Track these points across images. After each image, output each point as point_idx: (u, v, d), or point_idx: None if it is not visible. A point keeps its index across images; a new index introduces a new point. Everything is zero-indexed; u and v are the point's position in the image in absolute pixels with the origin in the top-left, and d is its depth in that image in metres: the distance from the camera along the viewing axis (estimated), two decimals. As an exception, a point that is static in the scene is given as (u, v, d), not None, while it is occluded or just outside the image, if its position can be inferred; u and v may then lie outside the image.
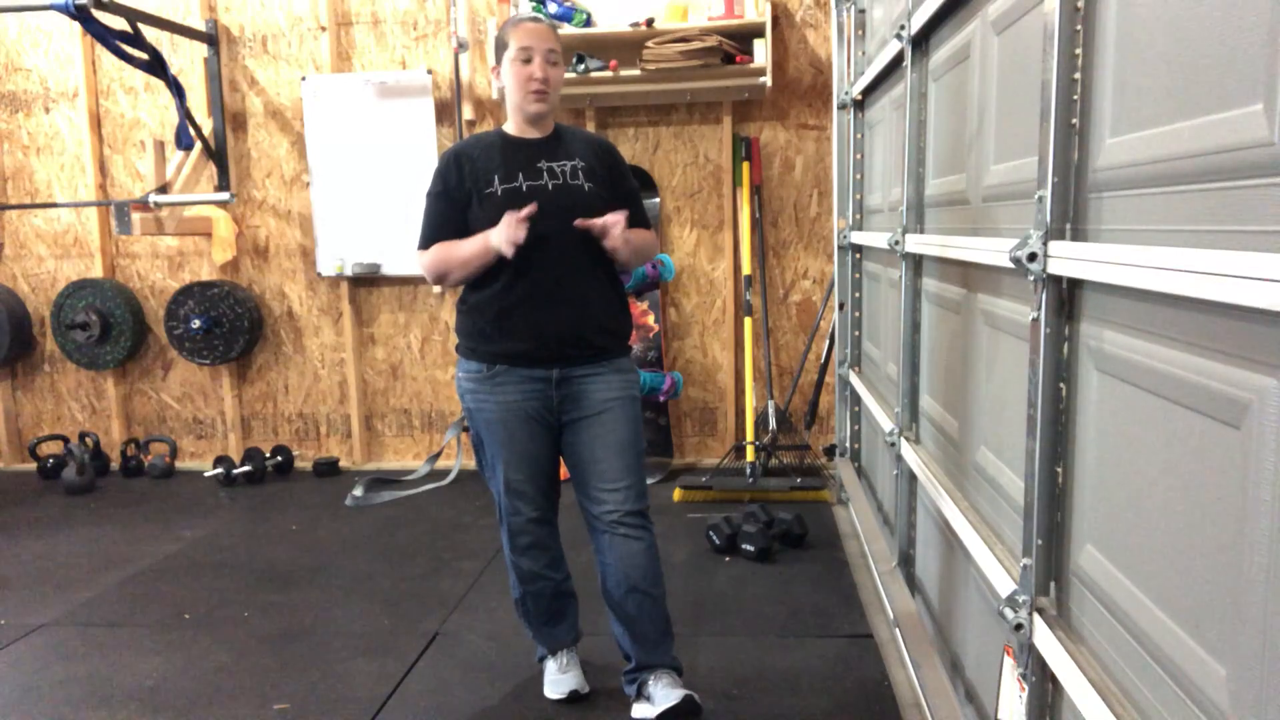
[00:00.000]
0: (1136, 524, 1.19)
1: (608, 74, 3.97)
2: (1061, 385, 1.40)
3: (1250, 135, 0.93)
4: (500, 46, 2.16)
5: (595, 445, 2.16)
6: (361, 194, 4.39)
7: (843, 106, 3.69)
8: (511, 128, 2.22)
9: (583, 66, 3.94)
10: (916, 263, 2.51)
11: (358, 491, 4.06)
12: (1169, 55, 1.10)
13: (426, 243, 2.18)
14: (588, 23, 4.00)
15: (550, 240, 2.09)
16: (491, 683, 2.42)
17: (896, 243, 2.56)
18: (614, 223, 2.08)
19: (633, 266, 2.26)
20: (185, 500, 4.17)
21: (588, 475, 2.18)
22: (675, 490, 3.91)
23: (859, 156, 3.60)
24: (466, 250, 2.10)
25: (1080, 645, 1.34)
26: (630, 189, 2.28)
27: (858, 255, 3.67)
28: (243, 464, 4.40)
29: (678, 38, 3.87)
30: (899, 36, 2.51)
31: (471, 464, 4.50)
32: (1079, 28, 1.32)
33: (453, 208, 2.15)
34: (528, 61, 2.11)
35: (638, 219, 2.26)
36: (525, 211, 2.01)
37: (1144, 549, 1.17)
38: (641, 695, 2.21)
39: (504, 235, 2.01)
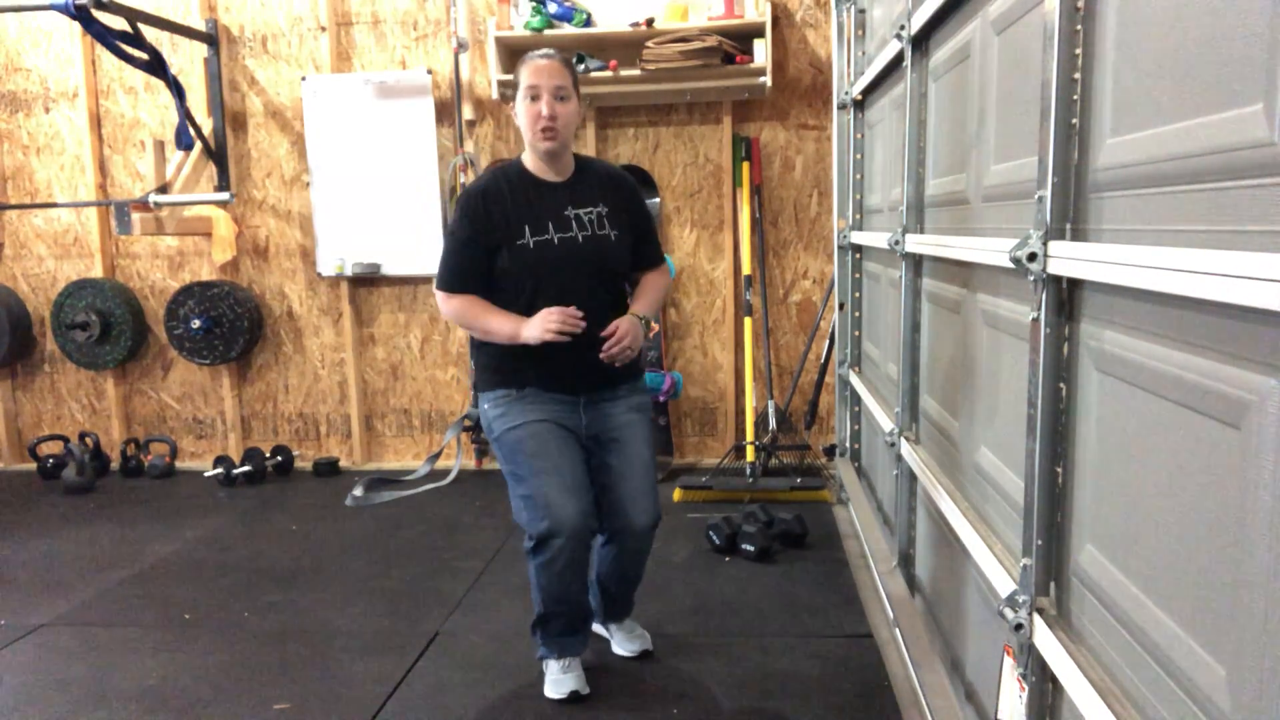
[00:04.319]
0: (1136, 524, 1.19)
1: (608, 74, 3.97)
2: (1061, 385, 1.40)
3: (1250, 135, 0.93)
4: (515, 83, 2.18)
5: (620, 463, 2.26)
6: (361, 194, 4.39)
7: (843, 106, 3.69)
8: (530, 163, 2.24)
9: (583, 66, 3.94)
10: (916, 263, 2.51)
11: (358, 491, 4.06)
12: (1169, 55, 1.10)
13: (450, 287, 2.21)
14: (588, 23, 4.00)
15: (577, 291, 2.17)
16: (491, 683, 2.42)
17: (896, 243, 2.56)
18: (615, 341, 2.16)
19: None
20: (185, 500, 4.17)
21: (611, 490, 2.27)
22: (675, 490, 3.91)
23: (859, 156, 3.59)
24: (494, 325, 2.17)
25: (1080, 645, 1.34)
26: (647, 229, 2.36)
27: (858, 255, 3.67)
28: (243, 464, 4.40)
29: (678, 38, 3.87)
30: (899, 36, 2.51)
31: (472, 463, 4.51)
32: (1079, 28, 1.32)
33: (480, 253, 2.18)
34: (535, 99, 2.13)
35: (653, 257, 2.37)
36: (575, 323, 2.11)
37: (1144, 549, 1.17)
38: (605, 626, 2.58)
39: (537, 331, 2.10)
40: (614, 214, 2.24)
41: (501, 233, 2.16)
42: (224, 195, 4.28)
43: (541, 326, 2.10)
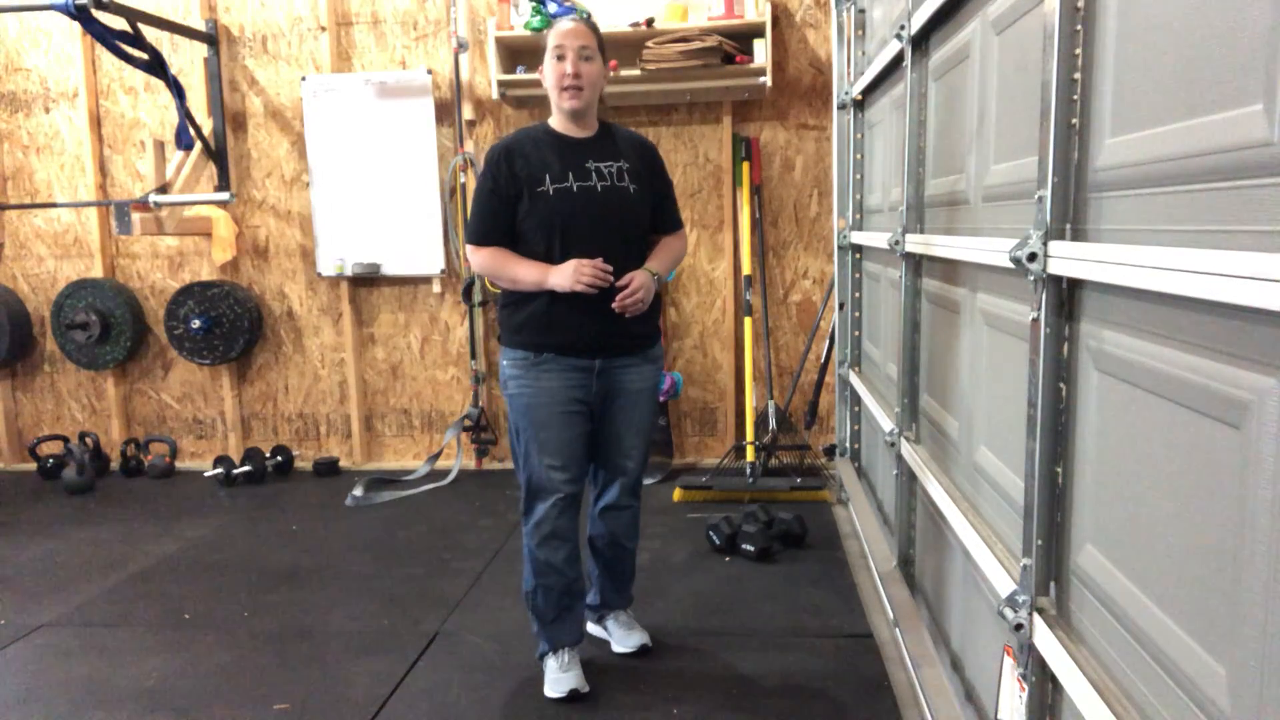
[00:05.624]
0: (1136, 524, 1.19)
1: (609, 74, 3.96)
2: (1061, 385, 1.40)
3: (1250, 135, 0.93)
4: (543, 50, 2.28)
5: (621, 428, 2.36)
6: (361, 194, 4.39)
7: (843, 106, 3.69)
8: (556, 124, 2.32)
9: (583, 66, 3.94)
10: (916, 263, 2.51)
11: (358, 491, 4.06)
12: (1168, 55, 1.10)
13: (479, 239, 2.28)
14: (588, 21, 3.99)
15: (596, 240, 2.21)
16: (491, 683, 2.42)
17: (896, 243, 2.56)
18: (628, 292, 2.21)
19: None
20: (185, 500, 4.17)
21: (609, 451, 2.39)
22: (675, 490, 3.91)
23: (859, 156, 3.59)
24: (521, 273, 2.23)
25: (1080, 645, 1.34)
26: (665, 190, 2.42)
27: (858, 255, 3.67)
28: (243, 464, 4.40)
29: (678, 38, 3.87)
30: (899, 36, 2.51)
31: (472, 464, 4.51)
32: (1079, 28, 1.32)
33: (503, 205, 2.24)
34: (561, 59, 2.23)
35: (671, 221, 2.43)
36: (604, 277, 2.17)
37: (1144, 549, 1.17)
38: (602, 625, 2.61)
39: (568, 280, 2.15)
40: (634, 172, 2.31)
41: (524, 181, 2.21)
42: (224, 195, 4.28)
43: (572, 277, 2.15)
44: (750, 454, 4.01)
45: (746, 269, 4.22)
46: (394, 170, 4.36)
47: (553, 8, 3.96)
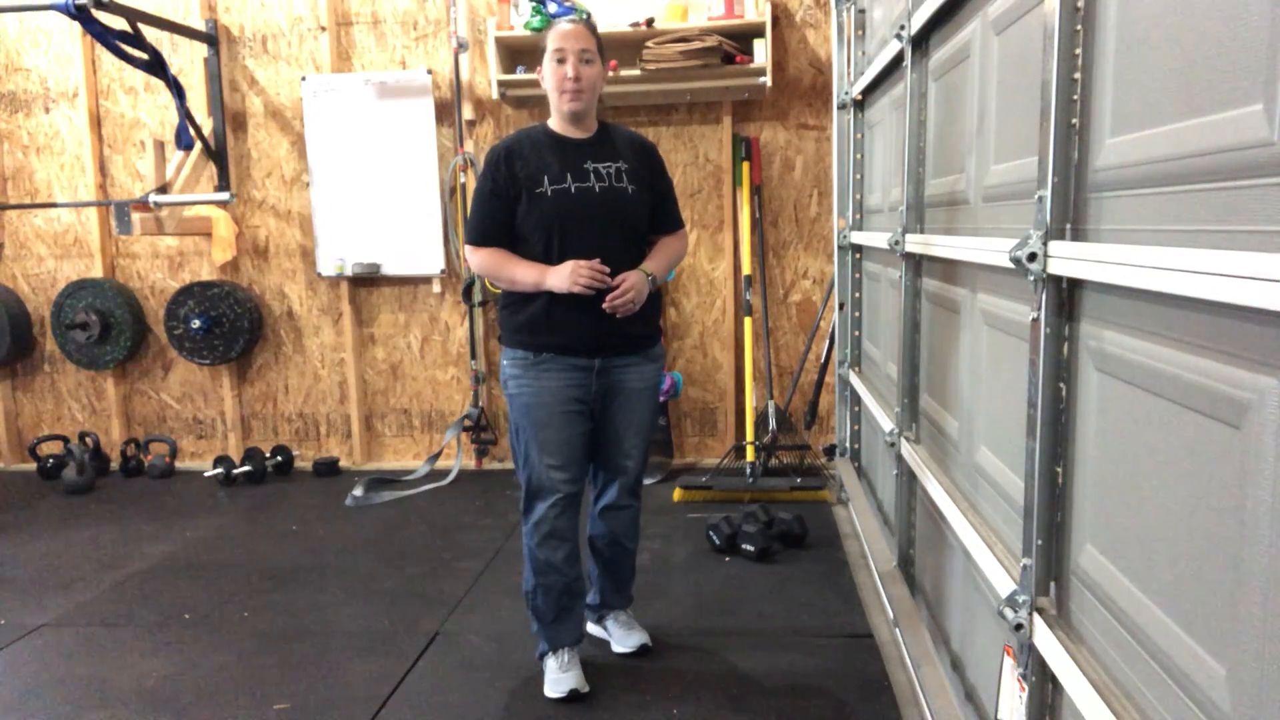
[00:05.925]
0: (1136, 524, 1.19)
1: (608, 74, 3.97)
2: (1061, 385, 1.40)
3: (1250, 135, 0.93)
4: (542, 50, 2.28)
5: (620, 427, 2.36)
6: (361, 194, 4.39)
7: (843, 106, 3.69)
8: (556, 125, 2.32)
9: (583, 66, 3.94)
10: (916, 263, 2.51)
11: (358, 491, 4.06)
12: (1169, 55, 1.10)
13: (478, 240, 2.29)
14: (587, 22, 3.99)
15: (594, 241, 2.22)
16: (491, 682, 2.42)
17: (896, 243, 2.56)
18: (619, 292, 2.22)
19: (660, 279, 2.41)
20: (185, 500, 4.17)
21: (609, 451, 2.39)
22: (675, 490, 3.91)
23: (859, 156, 3.59)
24: (520, 274, 2.24)
25: (1080, 645, 1.34)
26: (665, 190, 2.42)
27: (858, 255, 3.67)
28: (243, 464, 4.40)
29: (678, 38, 3.87)
30: (899, 36, 2.51)
31: (471, 463, 4.51)
32: (1079, 28, 1.32)
33: (502, 206, 2.25)
34: (562, 62, 2.23)
35: (671, 221, 2.43)
36: (601, 278, 2.18)
37: (1144, 549, 1.17)
38: (601, 625, 2.61)
39: (565, 281, 2.16)
40: (633, 171, 2.31)
41: (523, 182, 2.22)
42: (224, 195, 4.28)
43: (570, 279, 2.16)
44: (750, 454, 4.01)
45: (746, 269, 4.22)
46: (394, 170, 4.35)
47: (553, 8, 3.96)
